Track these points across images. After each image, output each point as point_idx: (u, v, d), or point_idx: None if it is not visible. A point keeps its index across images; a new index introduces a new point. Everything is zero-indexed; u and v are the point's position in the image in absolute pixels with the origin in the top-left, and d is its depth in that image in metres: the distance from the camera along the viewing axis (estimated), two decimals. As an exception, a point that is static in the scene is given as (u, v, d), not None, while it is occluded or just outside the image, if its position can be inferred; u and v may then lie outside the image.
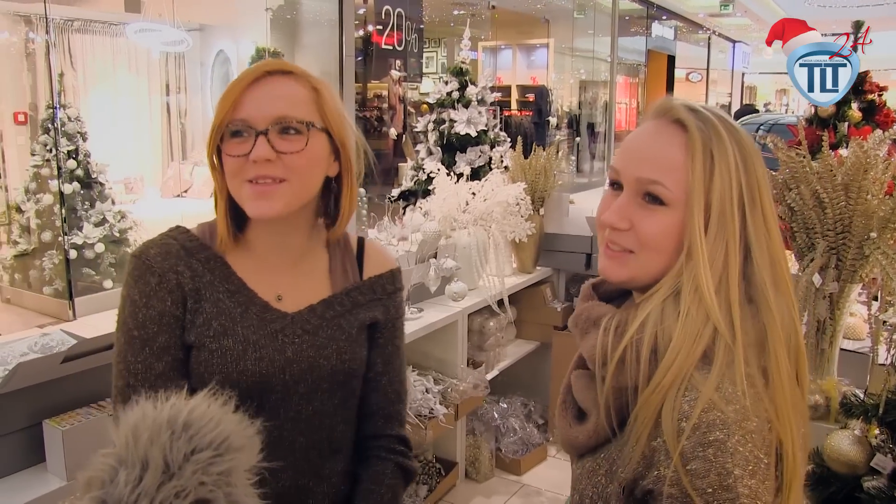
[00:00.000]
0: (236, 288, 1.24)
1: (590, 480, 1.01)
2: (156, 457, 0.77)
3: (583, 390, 1.05)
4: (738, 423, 0.87)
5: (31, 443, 1.71)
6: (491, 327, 3.38)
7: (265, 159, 1.15)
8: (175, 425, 0.80)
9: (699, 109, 1.00)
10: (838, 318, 2.23)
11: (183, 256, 1.22)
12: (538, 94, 11.52)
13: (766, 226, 0.97)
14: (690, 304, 0.94)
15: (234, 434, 0.82)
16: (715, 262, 0.95)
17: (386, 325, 1.36)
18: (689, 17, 16.58)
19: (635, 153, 1.01)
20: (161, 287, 1.19)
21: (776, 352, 0.93)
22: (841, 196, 2.08)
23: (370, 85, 9.43)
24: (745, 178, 0.96)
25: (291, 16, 5.69)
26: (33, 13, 5.88)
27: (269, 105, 1.17)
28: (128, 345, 1.19)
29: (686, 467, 0.86)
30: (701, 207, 0.96)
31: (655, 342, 0.94)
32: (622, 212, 1.00)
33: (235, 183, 1.18)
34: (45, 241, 5.53)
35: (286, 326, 1.24)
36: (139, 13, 6.23)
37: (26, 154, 5.80)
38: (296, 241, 1.29)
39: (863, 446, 1.74)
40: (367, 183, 7.83)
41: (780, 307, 0.95)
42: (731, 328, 0.93)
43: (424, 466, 3.04)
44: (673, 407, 0.89)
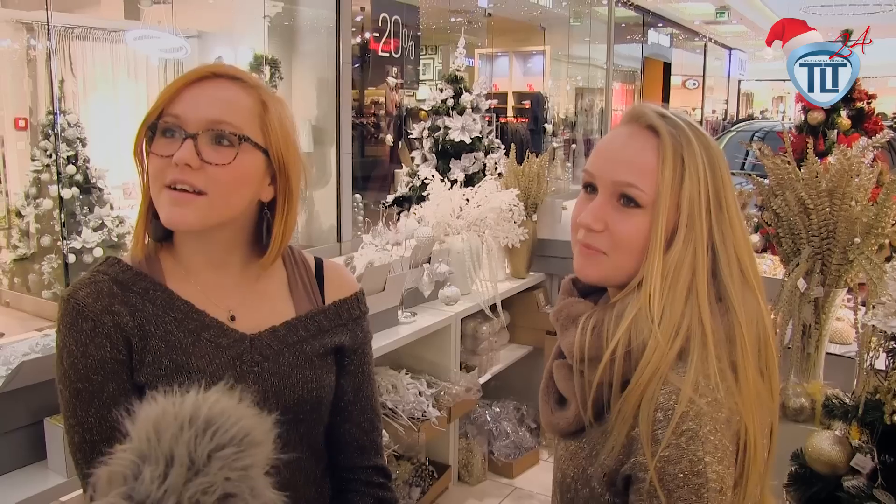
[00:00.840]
0: (183, 315, 1.13)
1: (572, 461, 1.07)
2: (181, 453, 0.77)
3: (563, 380, 1.10)
4: (709, 414, 0.93)
5: (33, 440, 1.74)
6: (484, 332, 3.42)
7: (186, 164, 1.04)
8: (197, 422, 0.79)
9: (669, 116, 1.05)
10: (824, 323, 2.27)
11: (117, 293, 1.10)
12: (534, 101, 11.59)
13: (731, 226, 1.02)
14: (666, 304, 0.99)
15: (254, 429, 0.82)
16: (684, 262, 1.00)
17: (355, 352, 1.28)
18: (685, 25, 16.67)
19: (610, 157, 1.06)
20: (97, 332, 1.07)
21: (743, 347, 0.99)
22: (825, 202, 2.13)
23: (367, 91, 9.48)
24: (712, 182, 1.01)
25: (289, 23, 5.73)
26: (35, 20, 5.92)
27: (205, 107, 1.07)
28: (75, 399, 1.07)
29: (660, 454, 0.92)
30: (668, 210, 1.00)
31: (629, 341, 0.99)
32: (597, 213, 1.04)
33: (156, 186, 1.07)
34: (45, 246, 5.56)
35: (244, 352, 1.15)
36: (139, 20, 6.28)
37: (26, 159, 5.83)
38: (232, 259, 1.18)
39: (843, 446, 1.77)
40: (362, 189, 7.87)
41: (748, 304, 1.01)
42: (701, 326, 0.98)
43: (417, 469, 3.07)
44: (650, 399, 0.95)
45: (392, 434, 2.70)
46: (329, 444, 1.29)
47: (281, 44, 5.62)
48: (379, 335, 2.76)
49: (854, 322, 2.68)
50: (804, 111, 3.67)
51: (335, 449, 1.30)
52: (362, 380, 1.30)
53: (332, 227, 5.35)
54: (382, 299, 2.77)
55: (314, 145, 5.40)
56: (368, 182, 9.04)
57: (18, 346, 1.98)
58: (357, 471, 1.31)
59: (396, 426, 2.72)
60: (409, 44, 8.08)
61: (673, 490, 0.92)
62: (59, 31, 6.06)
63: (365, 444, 1.31)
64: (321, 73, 5.38)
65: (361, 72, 8.46)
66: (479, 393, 3.16)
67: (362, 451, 1.31)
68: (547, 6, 11.13)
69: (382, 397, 2.79)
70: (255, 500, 0.79)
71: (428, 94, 5.24)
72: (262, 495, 0.80)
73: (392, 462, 3.00)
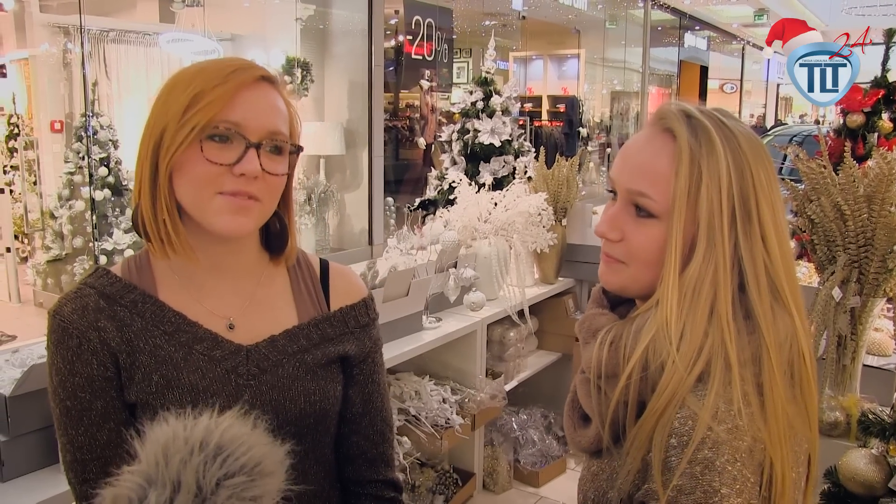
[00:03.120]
0: (174, 327, 1.08)
1: (592, 483, 1.02)
2: (188, 480, 0.75)
3: (584, 396, 1.04)
4: (728, 443, 0.86)
5: (45, 444, 1.73)
6: (511, 338, 3.37)
7: (254, 176, 1.03)
8: (207, 448, 0.78)
9: (695, 116, 0.96)
10: (861, 333, 2.18)
11: (104, 308, 1.07)
12: (569, 104, 11.49)
13: (762, 238, 0.93)
14: (686, 325, 0.91)
15: (266, 458, 0.81)
16: (705, 280, 0.92)
17: (363, 361, 1.23)
18: (723, 28, 16.45)
19: (627, 162, 1.00)
20: (83, 349, 1.04)
21: (770, 372, 0.90)
22: (863, 208, 2.04)
23: (402, 94, 9.48)
24: (738, 191, 0.93)
25: (321, 26, 5.73)
26: (72, 24, 6.00)
27: (265, 116, 1.05)
28: (65, 416, 1.05)
29: (672, 483, 0.85)
30: (684, 221, 0.93)
31: (646, 359, 0.92)
32: (614, 222, 0.99)
33: (207, 192, 1.03)
34: (77, 247, 5.61)
35: (239, 364, 1.10)
36: (173, 23, 6.33)
37: (61, 161, 5.91)
38: (238, 263, 1.15)
39: (880, 466, 1.69)
40: (395, 192, 7.86)
41: (779, 323, 0.92)
42: (724, 349, 0.90)
43: (441, 476, 3.03)
44: (665, 423, 0.88)
45: (414, 441, 2.66)
46: (338, 457, 1.25)
47: (313, 46, 5.62)
48: (402, 340, 2.73)
49: (893, 333, 2.59)
50: (843, 114, 3.57)
51: (344, 461, 1.25)
52: (372, 390, 1.25)
53: (363, 231, 5.33)
54: (406, 304, 2.73)
55: (346, 148, 5.39)
56: (401, 185, 9.04)
57: (35, 348, 1.99)
58: (366, 484, 1.26)
59: (419, 433, 2.68)
60: (443, 47, 8.06)
61: None
62: (94, 35, 6.13)
63: (375, 456, 1.26)
64: (354, 75, 5.37)
65: (396, 75, 8.46)
66: (504, 400, 3.10)
67: (372, 464, 1.26)
68: (582, 9, 11.03)
69: (405, 403, 2.75)
70: None
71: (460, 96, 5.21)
72: None
73: (415, 469, 2.95)
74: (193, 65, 1.08)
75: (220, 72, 1.04)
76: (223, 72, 1.04)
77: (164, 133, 1.03)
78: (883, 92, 3.62)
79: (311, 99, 5.50)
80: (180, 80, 1.05)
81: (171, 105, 1.04)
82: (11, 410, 1.66)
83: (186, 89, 1.03)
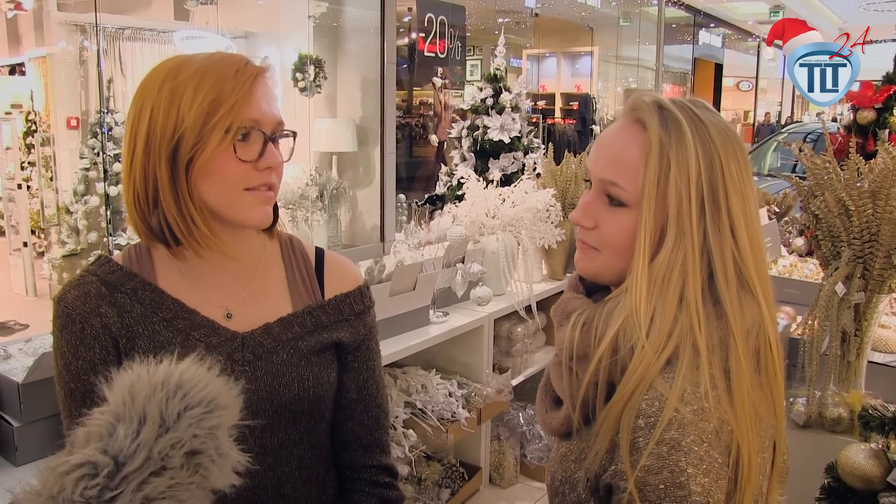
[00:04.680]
0: (173, 314, 1.12)
1: (561, 464, 1.04)
2: (153, 413, 0.82)
3: (557, 378, 1.07)
4: (694, 424, 0.88)
5: (57, 430, 1.75)
6: (519, 333, 3.38)
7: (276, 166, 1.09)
8: (168, 385, 0.84)
9: (667, 107, 0.98)
10: (866, 330, 2.18)
11: (105, 294, 1.11)
12: (582, 102, 11.49)
13: (731, 228, 0.95)
14: (656, 311, 0.94)
15: (221, 394, 0.87)
16: (674, 268, 0.94)
17: (358, 348, 1.25)
18: (738, 25, 16.36)
19: (600, 152, 1.02)
20: (85, 334, 1.09)
21: (737, 356, 0.93)
22: (868, 204, 2.05)
23: (415, 92, 9.51)
24: (706, 181, 0.95)
25: (335, 23, 5.76)
26: (88, 23, 6.07)
27: (273, 109, 1.10)
28: (69, 398, 1.10)
29: (640, 463, 0.87)
30: (653, 210, 0.95)
31: (616, 342, 0.94)
32: (587, 210, 1.02)
33: (236, 191, 1.08)
34: (92, 242, 5.67)
35: (235, 351, 1.13)
36: (187, 21, 6.38)
37: (76, 157, 5.97)
38: (249, 246, 1.19)
39: (879, 460, 1.70)
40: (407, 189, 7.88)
41: (746, 312, 0.95)
42: (692, 335, 0.92)
43: (447, 470, 3.05)
44: (633, 405, 0.91)
45: (420, 434, 2.67)
46: (333, 442, 1.27)
47: (326, 44, 5.65)
48: (409, 335, 2.75)
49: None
50: (853, 110, 3.56)
51: (339, 447, 1.28)
52: (366, 377, 1.27)
53: (375, 227, 5.36)
54: (413, 298, 2.75)
55: (359, 145, 5.42)
56: (414, 182, 9.07)
57: (47, 338, 2.02)
58: (362, 469, 1.28)
59: (425, 426, 2.70)
60: (456, 44, 8.08)
61: (654, 502, 0.87)
62: (109, 33, 6.19)
63: (370, 442, 1.28)
64: (366, 73, 5.40)
65: (409, 72, 8.48)
66: (510, 395, 3.12)
67: (367, 450, 1.28)
68: (595, 6, 11.02)
69: (412, 397, 2.77)
70: (220, 458, 0.84)
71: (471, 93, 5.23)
72: (227, 454, 0.85)
73: (422, 463, 2.98)
74: (183, 63, 1.08)
75: (228, 70, 1.06)
76: (230, 70, 1.06)
77: (182, 138, 1.04)
78: (894, 88, 3.62)
79: (324, 96, 5.53)
80: (185, 81, 1.06)
81: (185, 107, 1.04)
82: (24, 397, 1.70)
83: (199, 92, 1.04)
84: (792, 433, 2.12)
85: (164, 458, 0.80)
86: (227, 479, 0.85)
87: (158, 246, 1.14)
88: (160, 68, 1.10)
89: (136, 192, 1.09)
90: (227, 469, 0.85)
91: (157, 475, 0.80)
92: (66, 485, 0.78)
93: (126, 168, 1.10)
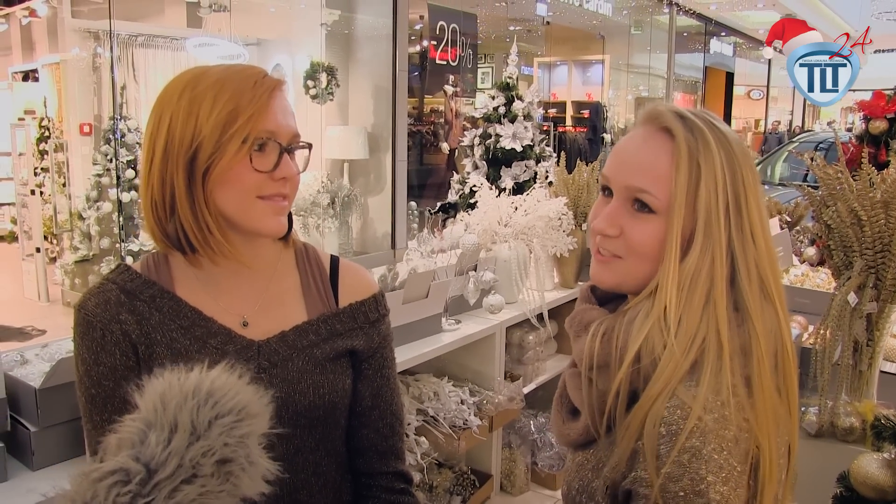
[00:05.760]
0: (190, 322, 1.14)
1: (577, 473, 1.05)
2: (184, 420, 0.83)
3: (574, 389, 1.08)
4: (715, 432, 0.89)
5: (74, 435, 1.79)
6: (530, 341, 3.38)
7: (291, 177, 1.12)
8: (199, 393, 0.86)
9: (688, 116, 1.00)
10: (878, 339, 2.18)
11: (124, 302, 1.13)
12: (593, 110, 11.49)
13: (751, 234, 0.98)
14: (683, 313, 0.95)
15: (252, 402, 0.89)
16: (702, 271, 0.96)
17: (372, 356, 1.27)
18: (749, 34, 16.34)
19: (625, 160, 1.03)
20: (106, 340, 1.11)
21: (760, 361, 0.94)
22: (880, 214, 2.05)
23: (427, 99, 9.53)
24: (731, 187, 0.97)
25: (347, 31, 5.78)
26: (102, 30, 6.11)
27: (289, 121, 1.12)
28: (90, 403, 1.12)
29: (661, 471, 0.89)
30: (683, 216, 0.97)
31: (639, 350, 0.96)
32: (612, 219, 1.02)
33: (249, 199, 1.10)
34: (104, 248, 5.71)
35: (251, 358, 1.15)
36: (200, 28, 6.42)
37: (90, 164, 6.01)
38: (264, 254, 1.21)
39: (893, 470, 1.70)
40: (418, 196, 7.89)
41: (766, 316, 0.97)
42: (718, 337, 0.94)
43: (458, 477, 3.05)
44: (656, 413, 0.92)
45: (432, 442, 2.68)
46: (349, 449, 1.29)
47: (338, 51, 5.67)
48: (421, 342, 2.76)
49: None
50: (865, 120, 3.56)
51: (354, 454, 1.29)
52: (381, 384, 1.28)
53: (386, 235, 5.37)
54: (425, 306, 2.76)
55: (370, 152, 5.44)
56: (425, 190, 9.08)
57: (64, 343, 2.05)
58: (377, 476, 1.29)
59: (437, 434, 2.70)
60: (468, 52, 8.09)
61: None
62: (123, 40, 6.23)
63: (385, 449, 1.29)
64: (378, 80, 5.42)
65: (420, 80, 8.50)
66: (522, 402, 3.12)
67: (382, 457, 1.29)
68: (606, 14, 11.03)
69: (424, 404, 2.78)
70: (250, 466, 0.85)
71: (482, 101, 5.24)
72: (257, 463, 0.87)
73: (433, 470, 2.98)
74: (202, 73, 1.11)
75: (246, 82, 1.09)
76: (248, 82, 1.09)
77: (199, 147, 1.07)
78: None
79: (336, 103, 5.55)
80: (204, 91, 1.08)
81: (203, 117, 1.07)
82: (41, 402, 1.72)
83: (217, 103, 1.07)
84: (804, 442, 2.12)
85: (195, 465, 0.82)
86: (257, 487, 0.87)
87: (176, 254, 1.17)
88: (180, 78, 1.12)
89: (153, 199, 1.12)
90: (256, 477, 0.86)
91: (188, 483, 0.81)
92: (99, 491, 0.79)
93: (144, 176, 1.13)
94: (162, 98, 1.12)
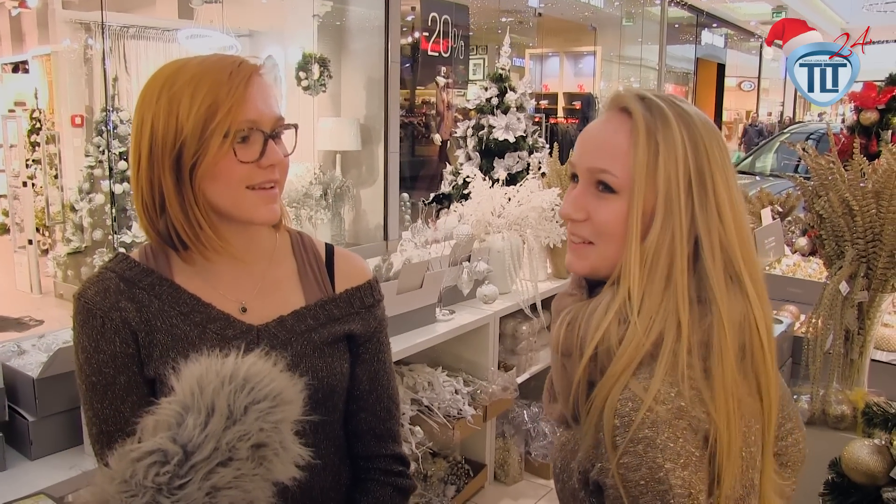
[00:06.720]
0: (189, 308, 1.15)
1: (560, 452, 1.07)
2: (221, 405, 0.85)
3: (553, 373, 1.09)
4: (668, 422, 0.90)
5: (71, 425, 1.80)
6: (524, 331, 3.40)
7: (278, 163, 1.12)
8: (236, 379, 0.88)
9: (648, 97, 1.00)
10: (869, 328, 2.20)
11: (124, 290, 1.14)
12: (585, 101, 11.51)
13: (719, 214, 0.96)
14: (645, 293, 0.95)
15: (286, 389, 0.91)
16: (662, 248, 0.95)
17: (369, 340, 1.28)
18: (741, 25, 16.38)
19: (587, 144, 1.03)
20: (106, 328, 1.12)
21: (721, 353, 0.93)
22: (872, 204, 2.07)
23: (419, 91, 9.51)
24: (693, 162, 0.96)
25: (339, 22, 5.77)
26: (93, 21, 6.07)
27: (270, 106, 1.12)
28: (91, 391, 1.13)
29: (619, 461, 0.90)
30: (643, 192, 0.96)
31: (597, 343, 0.96)
32: (578, 203, 1.02)
33: (238, 191, 1.10)
34: (97, 240, 5.69)
35: (250, 342, 1.16)
36: (192, 20, 6.39)
37: (81, 155, 5.98)
38: (260, 240, 1.22)
39: (882, 456, 1.71)
40: (410, 188, 7.89)
41: (732, 299, 0.95)
42: (677, 322, 0.94)
43: (453, 467, 3.07)
44: (611, 404, 0.93)
45: (427, 431, 2.70)
46: (347, 433, 1.30)
47: (331, 43, 5.66)
48: (416, 332, 2.77)
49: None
50: (857, 111, 3.58)
51: (352, 437, 1.31)
52: (378, 368, 1.30)
53: (378, 226, 5.38)
54: (420, 296, 2.77)
55: (363, 144, 5.44)
56: (417, 181, 9.08)
57: (60, 334, 2.05)
58: (375, 459, 1.31)
59: (431, 423, 2.72)
60: (459, 44, 8.08)
61: (637, 497, 0.90)
62: (114, 31, 6.20)
63: (382, 432, 1.31)
64: (370, 72, 5.42)
65: (412, 71, 8.49)
66: (515, 392, 3.14)
67: (379, 440, 1.31)
68: (598, 6, 11.04)
69: (418, 394, 2.79)
70: (284, 452, 0.88)
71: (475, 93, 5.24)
72: (290, 448, 0.89)
73: (427, 459, 3.00)
74: (178, 70, 1.11)
75: (221, 74, 1.08)
76: (223, 73, 1.08)
77: (183, 146, 1.07)
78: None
79: (328, 95, 5.55)
80: (181, 89, 1.08)
81: (183, 115, 1.07)
82: (39, 392, 1.73)
83: (195, 99, 1.07)
84: (796, 430, 2.14)
85: (230, 449, 0.84)
86: (289, 472, 0.89)
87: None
88: (157, 77, 1.12)
89: (143, 200, 1.13)
90: (288, 462, 0.89)
91: (223, 465, 0.83)
92: (138, 470, 0.81)
93: (133, 177, 1.14)
94: (142, 100, 1.12)
